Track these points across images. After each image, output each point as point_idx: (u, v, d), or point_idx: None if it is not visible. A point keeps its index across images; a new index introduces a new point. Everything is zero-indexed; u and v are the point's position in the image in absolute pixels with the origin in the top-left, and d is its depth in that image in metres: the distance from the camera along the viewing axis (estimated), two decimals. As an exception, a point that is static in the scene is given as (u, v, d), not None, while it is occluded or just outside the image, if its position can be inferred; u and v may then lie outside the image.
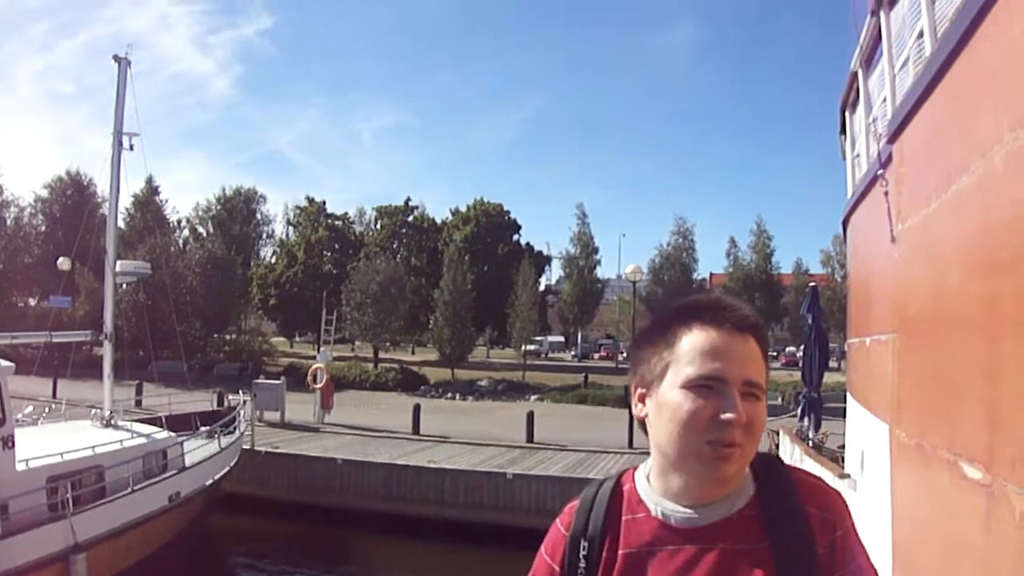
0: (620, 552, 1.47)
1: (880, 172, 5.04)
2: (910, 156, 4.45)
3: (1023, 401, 2.41)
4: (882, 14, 5.56)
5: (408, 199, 72.35)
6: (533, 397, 39.19)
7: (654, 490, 1.49)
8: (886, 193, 4.86)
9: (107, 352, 17.52)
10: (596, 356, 72.13)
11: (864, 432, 5.65)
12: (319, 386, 27.78)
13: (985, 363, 2.86)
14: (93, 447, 13.54)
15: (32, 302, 51.67)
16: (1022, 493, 2.35)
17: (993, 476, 2.66)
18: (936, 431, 3.63)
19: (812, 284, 16.22)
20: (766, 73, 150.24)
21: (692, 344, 1.42)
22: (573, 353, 73.64)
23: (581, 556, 1.51)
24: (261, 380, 29.28)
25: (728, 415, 1.34)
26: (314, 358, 33.11)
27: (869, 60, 6.54)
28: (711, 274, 74.49)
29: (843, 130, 8.92)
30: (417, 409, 26.10)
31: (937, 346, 3.75)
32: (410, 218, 71.73)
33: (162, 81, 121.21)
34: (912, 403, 4.32)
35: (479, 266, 63.06)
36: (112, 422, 16.20)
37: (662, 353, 1.45)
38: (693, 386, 1.39)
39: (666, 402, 1.42)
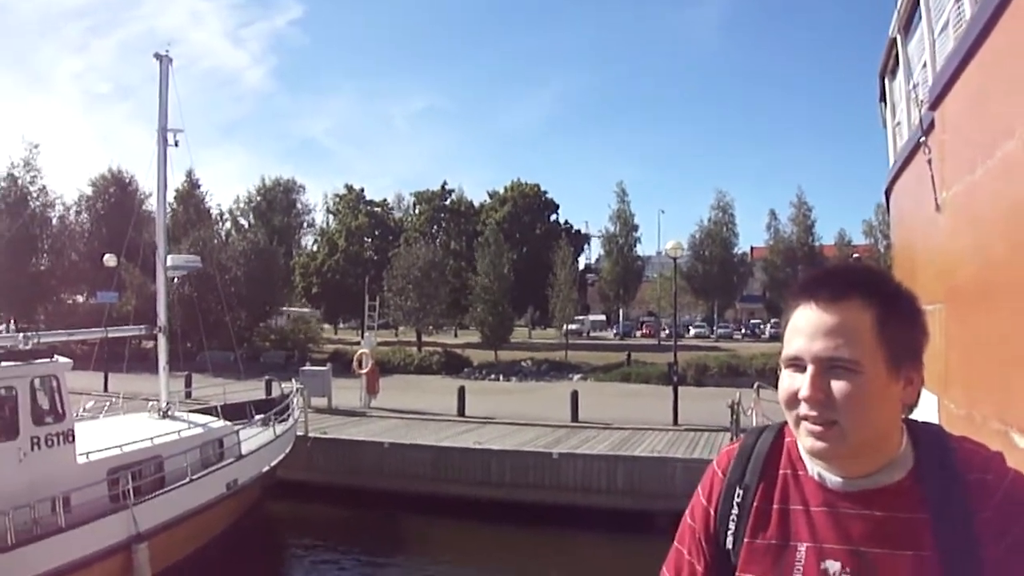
0: (775, 506, 1.47)
1: (922, 139, 4.95)
2: (953, 122, 4.36)
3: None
4: (920, -23, 5.44)
5: (444, 183, 72.81)
6: (576, 376, 39.19)
7: None
8: (929, 161, 4.77)
9: (162, 345, 17.82)
10: (638, 334, 71.83)
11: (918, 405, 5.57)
12: (365, 371, 28.05)
13: (1035, 331, 2.82)
14: (151, 438, 13.83)
15: (80, 299, 52.61)
16: (1075, 462, 2.31)
17: (1045, 446, 2.62)
18: (986, 401, 3.58)
19: (856, 255, 16.04)
20: (802, 43, 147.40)
21: (790, 323, 1.43)
22: (615, 331, 73.39)
23: (735, 503, 1.51)
24: (308, 367, 29.59)
25: (800, 393, 1.36)
26: (359, 344, 33.38)
27: (908, 25, 6.40)
28: (752, 248, 73.85)
29: (882, 97, 8.74)
30: (462, 391, 26.26)
31: (985, 315, 3.69)
32: (447, 202, 72.01)
33: (197, 76, 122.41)
34: (961, 374, 4.26)
35: (518, 247, 63.12)
36: (169, 413, 16.52)
37: (783, 330, 1.47)
38: (787, 365, 1.41)
39: (780, 379, 1.44)
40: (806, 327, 1.38)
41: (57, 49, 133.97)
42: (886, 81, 8.33)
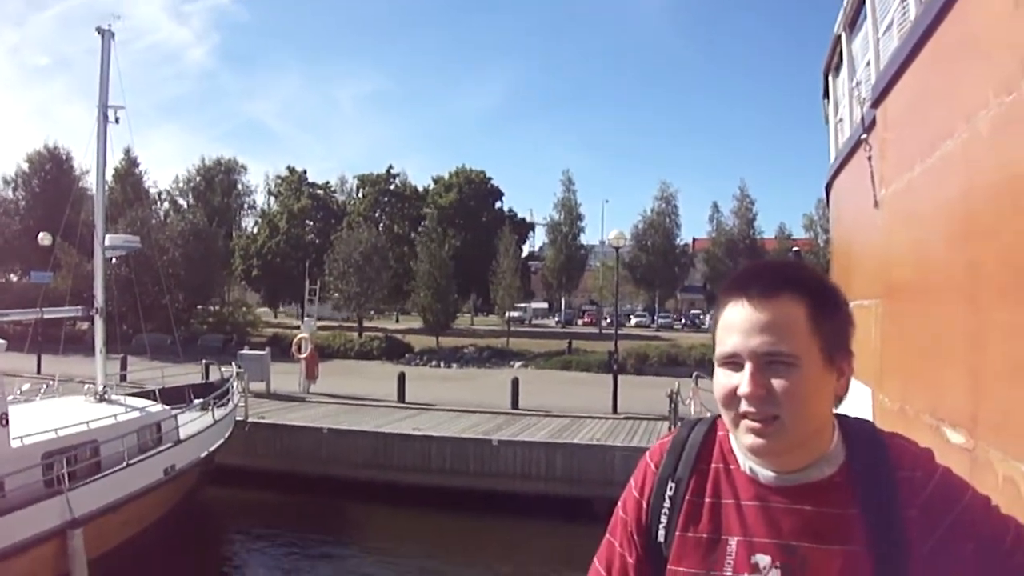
0: (707, 500, 1.48)
1: (863, 136, 5.03)
2: (894, 121, 4.43)
3: (1006, 366, 2.42)
4: (866, -24, 5.51)
5: (390, 167, 72.24)
6: (517, 364, 39.30)
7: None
8: (869, 158, 4.84)
9: (98, 327, 17.39)
10: (580, 322, 72.30)
11: (847, 397, 5.68)
12: (304, 356, 27.74)
13: (968, 328, 2.87)
14: (87, 422, 13.47)
15: (14, 278, 51.18)
16: (1005, 458, 2.37)
17: (976, 441, 2.67)
18: (919, 396, 3.64)
19: (795, 248, 16.37)
20: (749, 37, 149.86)
21: (721, 321, 1.43)
22: (557, 319, 73.80)
23: (667, 496, 1.52)
24: (246, 351, 29.17)
25: (740, 390, 1.36)
26: (298, 328, 33.02)
27: (853, 23, 6.49)
28: (694, 239, 74.74)
29: (826, 94, 8.87)
30: (402, 377, 26.17)
31: (920, 311, 3.76)
32: (392, 186, 71.45)
33: (138, 52, 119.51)
34: (895, 368, 4.34)
35: (462, 234, 62.98)
36: (106, 397, 16.14)
37: (713, 329, 1.47)
38: (722, 364, 1.41)
39: (714, 377, 1.44)
40: (741, 324, 1.38)
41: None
42: (830, 78, 8.45)
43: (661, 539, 1.50)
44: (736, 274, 1.47)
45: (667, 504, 1.51)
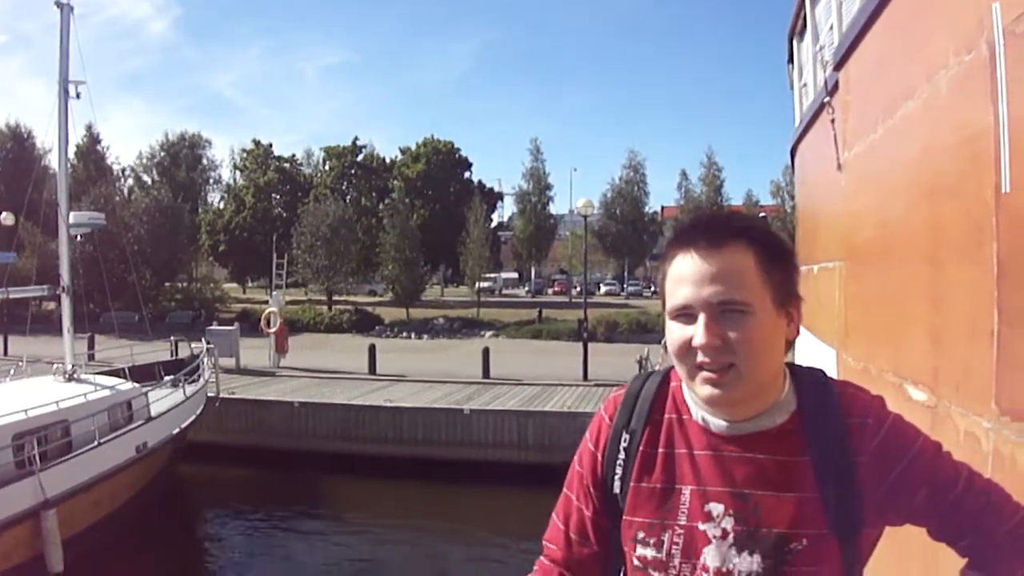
0: (660, 450, 1.50)
1: (826, 100, 5.05)
2: (856, 83, 4.45)
3: (965, 324, 2.46)
4: (828, -61, 5.51)
5: (356, 139, 71.37)
6: (488, 333, 39.33)
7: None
8: (832, 121, 4.87)
9: (65, 306, 17.12)
10: (550, 291, 72.43)
11: (812, 358, 5.75)
12: (273, 330, 27.60)
13: (929, 288, 2.91)
14: (57, 402, 13.30)
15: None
16: (965, 414, 2.41)
17: (938, 398, 2.72)
18: (882, 355, 3.70)
19: (762, 215, 16.39)
20: (716, 3, 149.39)
21: (670, 274, 1.43)
22: (527, 289, 73.86)
23: (621, 448, 1.54)
24: (214, 327, 28.93)
25: (695, 341, 1.36)
26: (267, 303, 32.82)
27: (815, -13, 6.50)
28: (662, 207, 74.95)
29: (791, 59, 8.90)
30: (372, 349, 26.15)
31: (882, 272, 3.81)
32: (359, 158, 70.78)
33: (98, 25, 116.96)
34: (858, 329, 4.40)
35: (431, 205, 62.65)
36: (75, 376, 15.95)
37: (661, 283, 1.47)
38: (674, 316, 1.41)
39: (666, 331, 1.45)
40: (691, 275, 1.38)
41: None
42: (794, 43, 8.48)
43: (617, 491, 1.53)
44: (682, 227, 1.47)
45: (621, 456, 1.53)
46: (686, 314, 1.39)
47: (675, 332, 1.41)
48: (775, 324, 1.39)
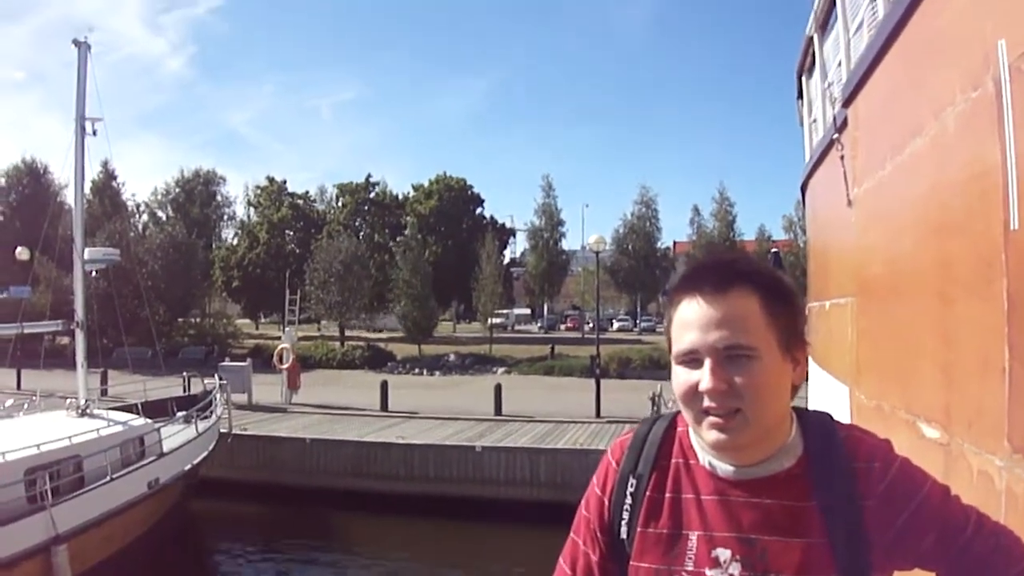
0: (667, 495, 1.49)
1: (836, 136, 5.06)
2: (865, 120, 4.46)
3: (976, 361, 2.44)
4: (835, -23, 5.55)
5: (369, 175, 71.88)
6: (500, 370, 39.25)
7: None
8: (842, 157, 4.87)
9: (80, 341, 17.23)
10: (563, 327, 72.28)
11: (825, 395, 5.71)
12: (285, 366, 27.63)
13: (939, 325, 2.89)
14: (70, 437, 13.33)
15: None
16: (978, 452, 2.38)
17: (950, 436, 2.69)
18: (894, 392, 3.66)
19: (774, 250, 16.39)
20: (726, 41, 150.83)
21: (676, 319, 1.44)
22: (539, 325, 73.72)
23: (628, 493, 1.53)
24: (227, 363, 29.00)
25: (702, 386, 1.36)
26: (279, 339, 32.87)
27: (824, 24, 6.54)
28: (675, 242, 74.87)
29: (800, 95, 8.94)
30: (385, 386, 26.08)
31: (894, 309, 3.79)
32: (372, 194, 71.19)
33: (114, 64, 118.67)
34: (871, 365, 4.36)
35: (443, 241, 62.83)
36: (88, 411, 16.00)
37: (667, 328, 1.48)
38: (680, 361, 1.41)
39: (673, 376, 1.44)
40: (697, 320, 1.39)
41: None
42: (803, 79, 8.52)
43: (623, 536, 1.52)
44: (686, 271, 1.48)
45: (628, 500, 1.53)
46: (692, 359, 1.39)
47: (681, 377, 1.41)
48: (781, 368, 1.39)
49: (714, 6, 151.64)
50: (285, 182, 72.34)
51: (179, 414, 17.80)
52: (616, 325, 67.04)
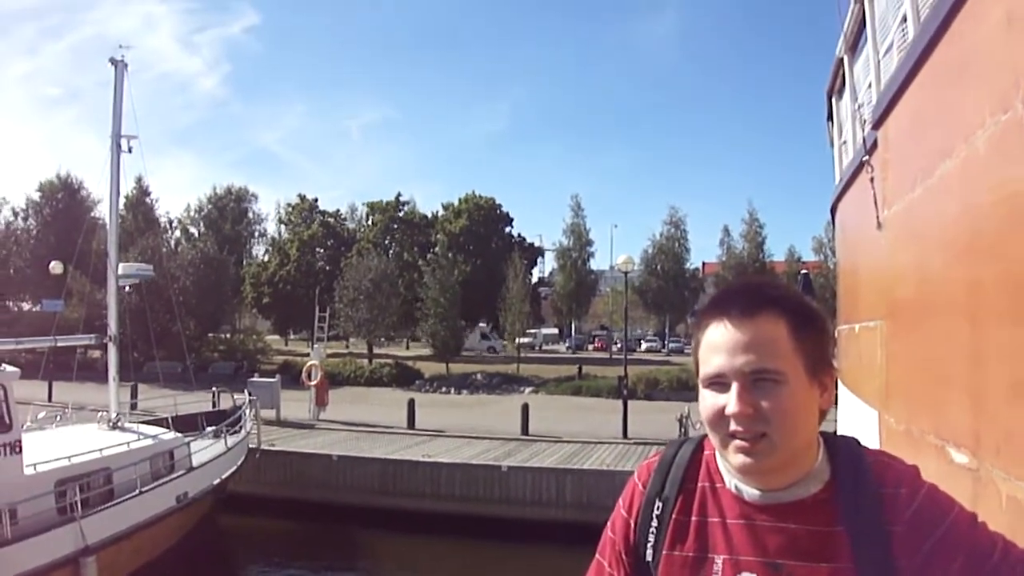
0: (693, 518, 1.50)
1: (865, 158, 5.03)
2: (895, 142, 4.44)
3: (1007, 385, 2.41)
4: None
5: (399, 194, 72.32)
6: (528, 389, 39.19)
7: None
8: (872, 179, 4.85)
9: (112, 354, 17.48)
10: (590, 347, 72.18)
11: (854, 419, 5.66)
12: (314, 383, 27.78)
13: (970, 348, 2.86)
14: (100, 449, 13.55)
15: (25, 306, 51.52)
16: (1007, 478, 2.35)
17: (979, 461, 2.66)
18: (924, 416, 3.63)
19: (804, 271, 16.27)
20: (755, 61, 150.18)
21: (704, 342, 1.45)
22: (567, 345, 73.67)
23: (654, 516, 1.54)
24: (256, 379, 29.21)
25: (728, 410, 1.36)
26: (308, 355, 33.06)
27: (854, 46, 6.52)
28: (703, 263, 74.60)
29: (830, 117, 8.91)
30: (412, 404, 26.15)
31: (923, 332, 3.75)
32: (401, 213, 71.62)
33: (149, 81, 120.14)
34: (900, 389, 4.32)
35: (472, 260, 63.01)
36: (119, 424, 16.19)
37: (695, 351, 1.49)
38: (707, 384, 1.42)
39: (700, 399, 1.45)
40: (724, 344, 1.39)
41: (6, 51, 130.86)
42: (833, 100, 8.49)
43: (649, 558, 1.52)
44: (715, 295, 1.49)
45: (654, 523, 1.53)
46: (719, 383, 1.39)
47: (708, 400, 1.41)
48: (808, 393, 1.39)
49: (743, 26, 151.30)
50: (316, 200, 73.32)
51: (208, 429, 17.94)
52: (644, 346, 66.92)
